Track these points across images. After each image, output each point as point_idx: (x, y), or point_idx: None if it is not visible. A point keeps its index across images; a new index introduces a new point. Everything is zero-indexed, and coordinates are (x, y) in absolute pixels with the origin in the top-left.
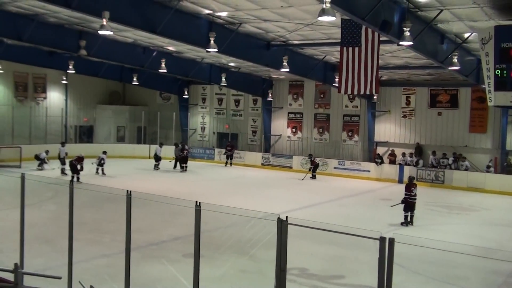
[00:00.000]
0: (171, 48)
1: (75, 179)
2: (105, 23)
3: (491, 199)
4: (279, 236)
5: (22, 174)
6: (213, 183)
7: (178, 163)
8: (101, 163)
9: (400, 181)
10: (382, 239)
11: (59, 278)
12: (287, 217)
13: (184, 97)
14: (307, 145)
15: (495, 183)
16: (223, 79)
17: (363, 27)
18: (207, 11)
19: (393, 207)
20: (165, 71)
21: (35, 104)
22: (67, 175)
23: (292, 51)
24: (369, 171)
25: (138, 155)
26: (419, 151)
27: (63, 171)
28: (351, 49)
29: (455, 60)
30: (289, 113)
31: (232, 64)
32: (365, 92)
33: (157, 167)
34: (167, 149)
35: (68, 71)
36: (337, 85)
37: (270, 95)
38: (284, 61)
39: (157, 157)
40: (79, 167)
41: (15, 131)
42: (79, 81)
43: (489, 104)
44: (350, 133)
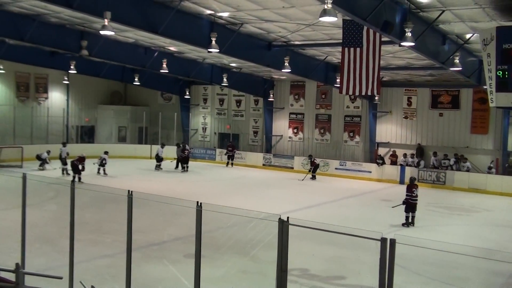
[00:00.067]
0: (172, 48)
1: (76, 179)
2: (106, 23)
3: (492, 200)
4: (280, 236)
5: (23, 174)
6: (214, 183)
7: (179, 163)
8: (102, 163)
9: (401, 182)
10: (383, 240)
11: (60, 278)
12: (288, 218)
13: (185, 97)
14: (308, 145)
15: (497, 184)
16: (225, 80)
17: (365, 28)
18: (209, 12)
19: (394, 208)
20: (167, 71)
21: (36, 104)
22: (70, 175)
23: (293, 52)
24: (370, 172)
25: (139, 155)
26: (421, 152)
27: (63, 171)
28: (352, 49)
29: (457, 61)
30: (291, 113)
31: (233, 64)
32: (367, 92)
33: (159, 168)
34: (169, 150)
35: (69, 71)
36: (339, 85)
37: (271, 96)
38: (285, 61)
39: (159, 158)
40: (80, 167)
41: (17, 131)
42: (81, 81)
43: (491, 105)
44: (351, 134)
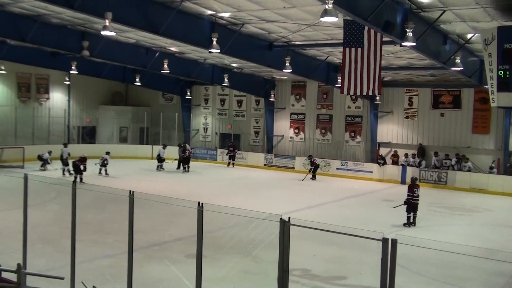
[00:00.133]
0: (173, 48)
1: (78, 180)
2: (107, 24)
3: (494, 200)
4: (281, 237)
5: (25, 174)
6: (216, 183)
7: (181, 164)
8: (104, 163)
9: (402, 182)
10: (384, 240)
11: (62, 278)
12: (289, 218)
13: (186, 97)
14: (309, 145)
15: (498, 184)
16: (226, 80)
17: (366, 28)
18: (210, 12)
19: (395, 208)
20: (168, 71)
21: (38, 104)
22: (71, 175)
23: (294, 52)
24: (371, 172)
25: (140, 156)
26: (422, 152)
27: (64, 172)
28: (353, 49)
29: (458, 61)
30: (292, 113)
31: (234, 64)
32: (368, 92)
33: (161, 168)
34: (171, 150)
35: (70, 72)
36: (340, 85)
37: (272, 96)
38: (286, 61)
39: (160, 159)
40: (82, 167)
41: (18, 131)
42: (82, 81)
43: (492, 105)
44: (352, 134)
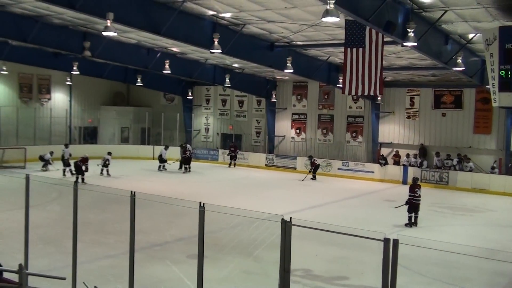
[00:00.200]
0: (175, 49)
1: (79, 180)
2: (109, 24)
3: (495, 200)
4: (283, 237)
5: (26, 175)
6: (217, 184)
7: (182, 164)
8: (106, 164)
9: (404, 182)
10: (386, 240)
11: (63, 279)
12: (291, 218)
13: (188, 98)
14: (310, 146)
15: (500, 184)
16: (227, 80)
17: (367, 28)
18: (211, 12)
19: (397, 208)
20: (169, 72)
21: (39, 105)
22: (73, 176)
23: (296, 52)
24: (373, 172)
25: (142, 156)
26: (423, 152)
27: (64, 172)
28: (355, 50)
29: (460, 61)
30: (293, 114)
31: (236, 65)
32: (369, 93)
33: (163, 168)
34: (172, 151)
35: (72, 72)
36: (341, 86)
37: (274, 96)
38: (288, 62)
39: (162, 159)
40: (84, 168)
41: (20, 132)
42: (83, 82)
43: (494, 105)
44: (354, 134)
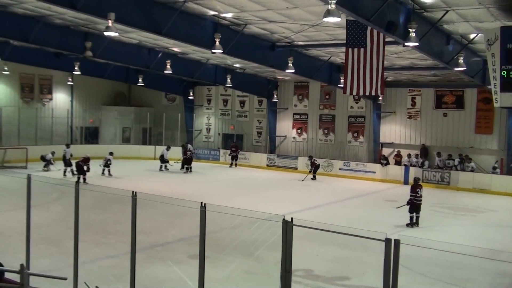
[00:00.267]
0: (176, 49)
1: (81, 180)
2: (110, 25)
3: (497, 201)
4: (284, 237)
5: (28, 175)
6: (218, 184)
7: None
8: (107, 163)
9: (405, 182)
10: (387, 241)
11: (65, 279)
12: (292, 218)
13: (189, 98)
14: (312, 146)
15: (501, 185)
16: (228, 80)
17: (369, 28)
18: (212, 12)
19: (398, 208)
20: (170, 72)
21: (41, 105)
22: (75, 176)
23: (297, 52)
24: (374, 172)
25: (143, 156)
26: (425, 152)
27: (65, 172)
28: (356, 50)
29: (461, 61)
30: (294, 114)
31: (237, 65)
32: (371, 93)
33: (165, 168)
34: (174, 151)
35: (73, 73)
36: (342, 86)
37: (275, 96)
38: (289, 62)
39: (163, 160)
40: (85, 168)
41: (21, 132)
42: (85, 82)
43: (495, 105)
44: (355, 134)
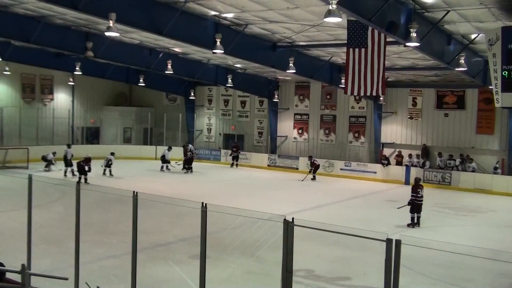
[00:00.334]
0: (177, 49)
1: (82, 180)
2: (111, 25)
3: (498, 201)
4: (285, 237)
5: (29, 175)
6: (219, 184)
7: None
8: (108, 164)
9: (406, 183)
10: (388, 241)
11: (66, 279)
12: (293, 219)
13: (190, 98)
14: (313, 146)
15: (502, 185)
16: (229, 80)
17: (370, 28)
18: (213, 13)
19: (399, 208)
20: (171, 72)
21: (42, 105)
22: (75, 176)
23: (298, 52)
24: (375, 173)
25: (144, 156)
26: (426, 152)
27: (66, 172)
28: (357, 50)
29: (462, 61)
30: (295, 114)
31: (238, 65)
32: (372, 93)
33: (166, 169)
34: (175, 151)
35: (75, 73)
36: (344, 86)
37: (276, 96)
38: (290, 62)
39: (164, 160)
40: (86, 168)
41: (23, 132)
42: (86, 82)
43: (496, 105)
44: (356, 134)
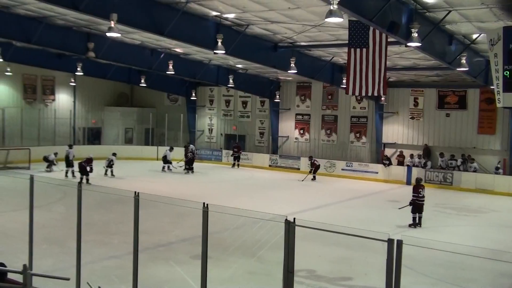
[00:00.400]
0: (178, 50)
1: (84, 181)
2: (113, 25)
3: (499, 201)
4: (286, 237)
5: (31, 175)
6: (221, 184)
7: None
8: (110, 164)
9: (408, 183)
10: (390, 241)
11: (68, 279)
12: (294, 219)
13: (191, 98)
14: (314, 146)
15: (504, 185)
16: (231, 81)
17: (371, 28)
18: (215, 13)
19: (401, 209)
20: (173, 73)
21: (43, 106)
22: (75, 178)
23: (299, 53)
24: (377, 173)
25: (146, 157)
26: (428, 152)
27: (67, 173)
28: (358, 50)
29: (464, 61)
30: (297, 114)
31: (239, 65)
32: (373, 93)
33: (168, 169)
34: (177, 151)
35: (76, 73)
36: (345, 86)
37: (277, 97)
38: (291, 62)
39: (166, 160)
40: (88, 168)
41: (24, 133)
42: (87, 83)
43: (498, 105)
44: (357, 135)
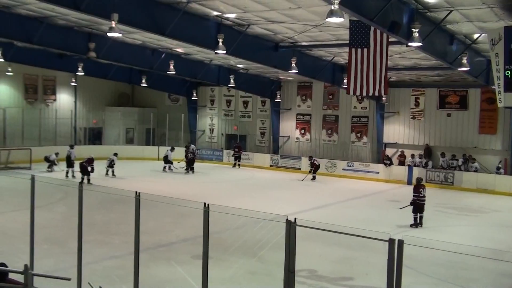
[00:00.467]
0: (179, 50)
1: (85, 181)
2: (114, 25)
3: (501, 201)
4: (287, 237)
5: (32, 175)
6: (222, 184)
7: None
8: (111, 164)
9: (409, 183)
10: (391, 241)
11: (69, 279)
12: (295, 219)
13: (192, 98)
14: (315, 146)
15: (505, 185)
16: (232, 81)
17: (372, 28)
18: (216, 13)
19: (402, 209)
20: (174, 73)
21: (44, 106)
22: (75, 178)
23: (300, 53)
24: (378, 173)
25: (147, 157)
26: (429, 152)
27: (67, 173)
28: (359, 50)
29: (465, 61)
30: (298, 114)
31: (240, 65)
32: (374, 93)
33: (169, 169)
34: (178, 151)
35: (77, 73)
36: (346, 86)
37: (278, 97)
38: (292, 62)
39: (167, 160)
40: (89, 168)
41: (25, 133)
42: (88, 83)
43: (499, 105)
44: (358, 135)
